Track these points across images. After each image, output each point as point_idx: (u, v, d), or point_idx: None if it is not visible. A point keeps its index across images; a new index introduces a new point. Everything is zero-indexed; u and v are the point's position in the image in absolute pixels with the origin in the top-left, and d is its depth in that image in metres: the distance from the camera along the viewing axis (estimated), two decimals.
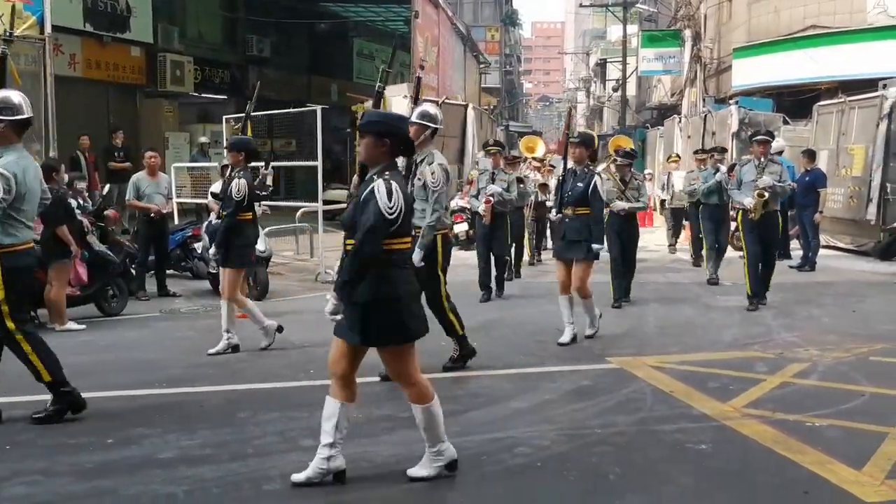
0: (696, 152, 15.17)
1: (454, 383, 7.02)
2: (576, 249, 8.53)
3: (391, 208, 4.51)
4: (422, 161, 7.05)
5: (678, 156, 16.96)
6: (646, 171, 13.95)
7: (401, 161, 5.48)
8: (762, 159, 10.44)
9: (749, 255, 10.40)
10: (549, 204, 11.65)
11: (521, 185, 12.62)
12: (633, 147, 14.94)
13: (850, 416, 6.01)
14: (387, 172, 4.63)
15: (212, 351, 8.30)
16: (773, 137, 10.90)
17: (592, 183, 8.53)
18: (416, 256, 6.69)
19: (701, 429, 5.77)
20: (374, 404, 6.40)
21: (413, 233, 5.37)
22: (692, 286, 12.66)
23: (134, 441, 5.56)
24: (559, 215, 8.75)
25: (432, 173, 7.02)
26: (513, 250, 13.18)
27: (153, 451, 5.39)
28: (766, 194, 10.10)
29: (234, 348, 8.40)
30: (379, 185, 4.54)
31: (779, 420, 5.89)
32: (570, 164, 8.74)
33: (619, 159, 11.46)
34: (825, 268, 14.27)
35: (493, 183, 11.47)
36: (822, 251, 14.87)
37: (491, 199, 11.27)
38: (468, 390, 6.83)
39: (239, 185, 8.19)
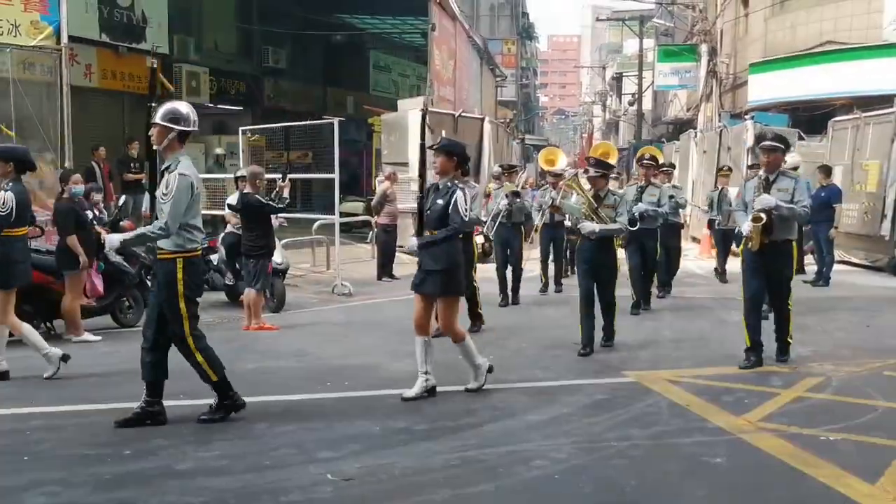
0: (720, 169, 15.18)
1: (471, 397, 7.05)
2: (431, 282, 7.07)
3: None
4: (166, 168, 6.16)
5: (729, 168, 15.55)
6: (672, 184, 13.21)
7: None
8: (764, 172, 8.18)
9: (744, 296, 8.21)
10: (567, 224, 10.50)
11: (518, 200, 12.18)
12: (663, 160, 14.59)
13: (864, 430, 6.00)
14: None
15: None
16: (784, 145, 8.22)
17: (454, 199, 7.01)
18: None
19: (716, 442, 5.77)
20: (390, 417, 6.43)
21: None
22: (707, 300, 12.64)
23: (151, 452, 5.60)
24: (414, 239, 7.46)
25: (167, 184, 6.05)
26: (507, 272, 12.33)
27: (170, 462, 5.42)
28: (765, 217, 7.84)
29: (2, 375, 7.71)
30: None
31: (793, 434, 5.88)
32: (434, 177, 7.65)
33: (590, 168, 9.24)
34: (839, 283, 14.22)
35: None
36: (836, 266, 14.82)
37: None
38: (485, 403, 6.84)
39: (5, 199, 7.47)
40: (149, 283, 11.52)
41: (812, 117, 22.99)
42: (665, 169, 13.44)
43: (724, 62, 30.94)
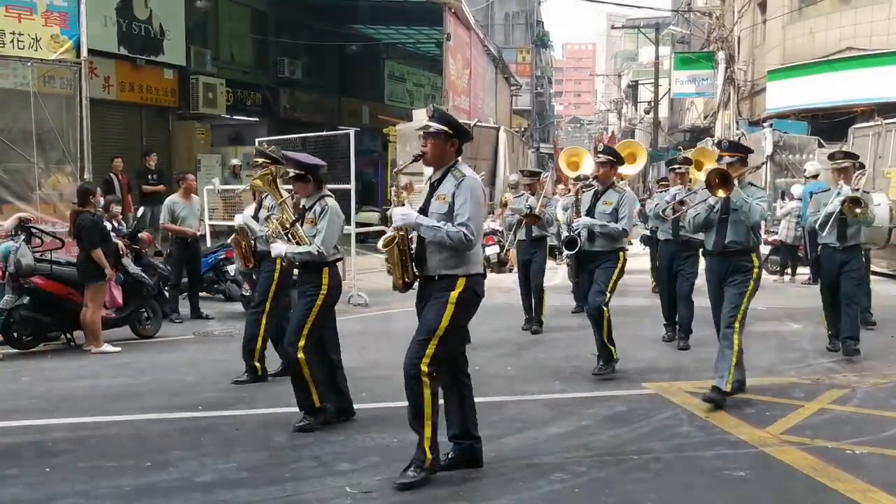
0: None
1: (490, 408, 6.98)
2: None
3: None
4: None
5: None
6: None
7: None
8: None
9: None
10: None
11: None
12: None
13: (890, 443, 5.94)
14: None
15: None
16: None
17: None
18: None
19: (739, 455, 5.72)
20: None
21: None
22: None
23: (171, 464, 5.60)
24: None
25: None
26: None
27: (190, 474, 5.42)
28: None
29: None
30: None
31: (818, 447, 5.83)
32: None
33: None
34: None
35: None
36: None
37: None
38: (504, 415, 6.80)
39: None
40: (166, 294, 11.63)
41: (832, 124, 22.83)
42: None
43: (741, 69, 30.82)
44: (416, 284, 5.44)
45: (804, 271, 15.78)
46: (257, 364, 8.08)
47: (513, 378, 8.03)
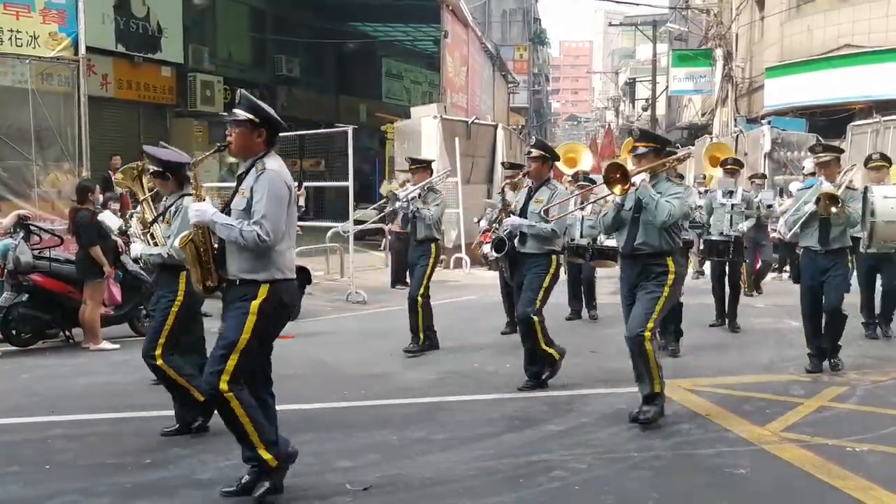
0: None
1: (489, 406, 7.01)
2: None
3: None
4: None
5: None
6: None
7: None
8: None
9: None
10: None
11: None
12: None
13: (890, 440, 5.92)
14: None
15: None
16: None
17: None
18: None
19: (739, 453, 5.71)
20: (408, 426, 6.40)
21: None
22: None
23: (171, 461, 5.59)
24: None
25: None
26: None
27: (190, 471, 5.41)
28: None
29: None
30: None
31: (818, 444, 5.82)
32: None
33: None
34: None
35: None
36: (855, 272, 14.67)
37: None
38: (503, 413, 6.80)
39: None
40: None
41: (830, 121, 22.86)
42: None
43: (739, 66, 30.84)
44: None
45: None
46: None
47: (511, 376, 8.01)
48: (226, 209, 4.91)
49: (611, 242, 9.27)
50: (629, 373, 8.07)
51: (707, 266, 12.30)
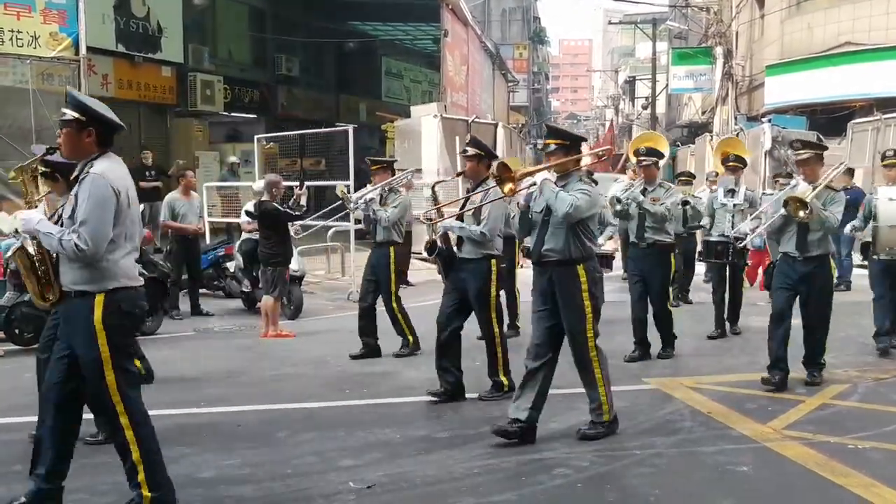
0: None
1: (491, 405, 7.00)
2: None
3: None
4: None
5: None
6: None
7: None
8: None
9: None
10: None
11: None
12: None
13: (893, 438, 5.93)
14: None
15: None
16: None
17: None
18: None
19: (741, 450, 5.71)
20: (410, 425, 6.41)
21: None
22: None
23: (174, 460, 5.57)
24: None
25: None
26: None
27: (193, 470, 5.42)
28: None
29: None
30: None
31: (820, 442, 5.82)
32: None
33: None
34: (861, 287, 14.07)
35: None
36: (856, 270, 14.66)
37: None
38: (505, 411, 6.77)
39: None
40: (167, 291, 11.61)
41: (830, 119, 22.83)
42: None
43: (739, 64, 30.82)
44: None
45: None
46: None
47: (513, 373, 7.99)
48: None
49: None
50: (629, 371, 8.15)
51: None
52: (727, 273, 10.27)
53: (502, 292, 8.07)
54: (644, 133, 16.30)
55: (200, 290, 12.59)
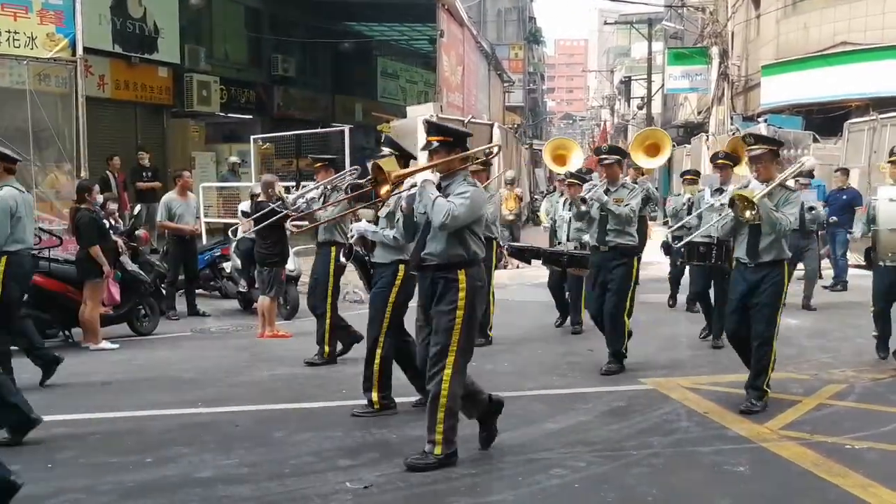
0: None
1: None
2: None
3: None
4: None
5: (696, 173, 13.21)
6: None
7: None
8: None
9: None
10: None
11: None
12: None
13: (889, 438, 5.95)
14: None
15: None
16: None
17: None
18: None
19: (738, 450, 5.73)
20: (406, 425, 6.41)
21: None
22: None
23: (172, 460, 5.61)
24: None
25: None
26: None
27: (191, 470, 5.43)
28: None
29: None
30: None
31: (817, 442, 5.84)
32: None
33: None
34: (857, 287, 14.09)
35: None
36: (852, 270, 14.70)
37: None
38: (503, 411, 6.80)
39: None
40: (164, 291, 11.61)
41: (827, 119, 22.86)
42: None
43: (735, 64, 30.84)
44: None
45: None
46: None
47: (510, 374, 8.04)
48: None
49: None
50: (628, 370, 8.16)
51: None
52: (711, 276, 9.57)
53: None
54: (646, 130, 15.75)
55: (197, 291, 12.60)
